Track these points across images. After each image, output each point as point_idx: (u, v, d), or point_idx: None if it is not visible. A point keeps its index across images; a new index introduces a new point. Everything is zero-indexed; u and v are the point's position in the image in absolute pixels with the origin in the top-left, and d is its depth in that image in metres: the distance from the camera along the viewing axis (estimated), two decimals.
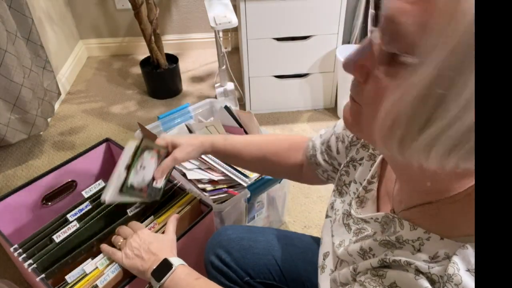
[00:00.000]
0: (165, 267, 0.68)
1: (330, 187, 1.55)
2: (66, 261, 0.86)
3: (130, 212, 0.92)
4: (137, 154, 0.79)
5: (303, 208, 1.45)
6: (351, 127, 0.43)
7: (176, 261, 0.69)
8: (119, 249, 0.79)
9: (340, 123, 0.68)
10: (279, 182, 1.16)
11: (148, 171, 0.80)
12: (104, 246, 0.82)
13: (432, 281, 0.37)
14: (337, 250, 0.55)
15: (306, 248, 0.82)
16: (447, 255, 0.37)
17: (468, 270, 0.35)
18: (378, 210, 0.54)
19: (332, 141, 0.68)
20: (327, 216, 0.64)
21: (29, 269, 0.82)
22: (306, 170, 0.76)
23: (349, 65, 0.37)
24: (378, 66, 0.35)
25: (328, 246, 0.60)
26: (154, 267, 0.68)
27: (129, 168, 0.79)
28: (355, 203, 0.56)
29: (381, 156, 0.55)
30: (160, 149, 0.81)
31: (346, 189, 0.62)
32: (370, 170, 0.57)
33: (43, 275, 0.81)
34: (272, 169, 0.82)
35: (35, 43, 1.69)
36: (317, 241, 0.85)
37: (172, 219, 0.83)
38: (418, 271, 0.38)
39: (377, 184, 0.55)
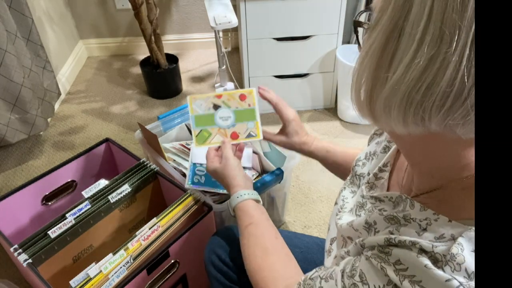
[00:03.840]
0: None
1: (331, 187, 1.54)
2: (51, 246, 0.87)
3: (112, 199, 0.95)
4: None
5: (303, 208, 1.45)
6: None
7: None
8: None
9: None
10: (279, 182, 1.16)
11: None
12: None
13: (435, 260, 0.37)
14: (340, 228, 0.56)
15: (306, 248, 0.82)
16: (453, 236, 0.38)
17: (473, 251, 0.36)
18: None
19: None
20: (335, 203, 0.65)
21: (24, 264, 0.83)
22: None
23: (357, 47, 0.44)
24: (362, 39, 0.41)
25: (334, 232, 0.61)
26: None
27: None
28: (365, 188, 0.58)
29: (394, 147, 0.57)
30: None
31: (357, 180, 0.63)
32: (382, 161, 0.58)
33: (29, 260, 0.82)
34: None
35: (35, 43, 1.69)
36: (317, 241, 0.85)
37: (225, 147, 0.80)
38: (421, 250, 0.39)
39: (388, 174, 0.56)
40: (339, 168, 0.82)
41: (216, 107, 0.83)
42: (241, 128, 0.83)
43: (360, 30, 0.43)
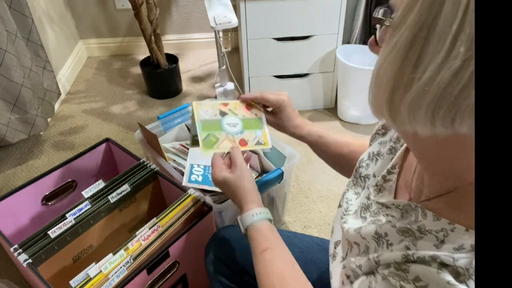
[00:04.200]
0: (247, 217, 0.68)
1: (331, 187, 1.54)
2: (51, 246, 0.87)
3: (112, 199, 0.94)
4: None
5: (303, 208, 1.45)
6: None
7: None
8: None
9: None
10: (279, 182, 1.16)
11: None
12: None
13: (457, 274, 0.36)
14: (347, 233, 0.55)
15: (306, 248, 0.82)
16: (473, 247, 0.36)
17: None
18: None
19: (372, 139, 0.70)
20: (339, 206, 0.64)
21: (24, 264, 0.83)
22: None
23: (368, 42, 0.43)
24: (380, 38, 0.41)
25: (339, 235, 0.60)
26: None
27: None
28: (373, 191, 0.56)
29: (402, 148, 0.56)
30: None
31: (361, 182, 0.62)
32: (390, 163, 0.57)
33: (29, 260, 0.82)
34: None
35: (35, 43, 1.69)
36: (317, 241, 0.85)
37: (236, 152, 0.75)
38: (442, 265, 0.37)
39: (396, 176, 0.55)
40: (329, 154, 0.80)
41: (223, 113, 0.80)
42: (250, 135, 0.80)
43: (378, 27, 0.42)
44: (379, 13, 0.40)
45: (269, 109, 0.83)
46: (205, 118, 0.78)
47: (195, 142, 0.77)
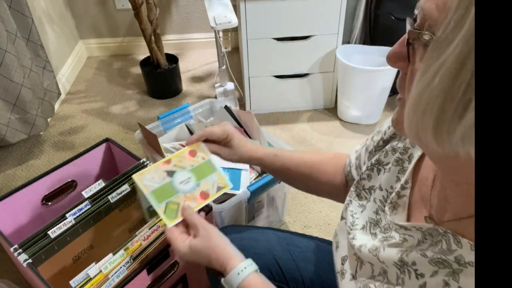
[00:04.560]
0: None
1: None
2: (51, 246, 0.87)
3: (112, 199, 0.93)
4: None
5: (303, 208, 1.45)
6: (397, 127, 0.43)
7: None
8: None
9: (373, 135, 0.67)
10: (279, 182, 1.16)
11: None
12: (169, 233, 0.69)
13: None
14: (358, 252, 0.52)
15: (306, 248, 0.82)
16: None
17: None
18: (409, 216, 0.51)
19: (362, 154, 0.67)
20: (342, 218, 0.62)
21: (24, 264, 0.83)
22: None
23: (390, 56, 0.40)
24: (412, 53, 0.36)
25: (345, 250, 0.59)
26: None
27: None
28: (389, 209, 0.53)
29: (413, 162, 0.53)
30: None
31: (365, 194, 0.59)
32: (398, 176, 0.55)
33: (29, 260, 0.82)
34: (319, 188, 0.79)
35: (35, 43, 1.69)
36: (317, 241, 0.85)
37: (188, 214, 0.68)
38: None
39: (409, 191, 0.52)
40: (287, 172, 0.77)
41: (170, 173, 0.72)
42: (207, 184, 0.73)
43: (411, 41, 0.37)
44: (413, 25, 0.36)
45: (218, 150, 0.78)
46: (155, 187, 0.70)
47: (152, 214, 0.70)
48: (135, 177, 0.69)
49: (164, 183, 0.70)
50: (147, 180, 0.70)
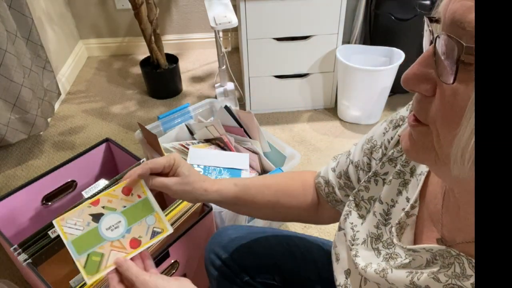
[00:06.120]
0: None
1: None
2: (51, 246, 0.86)
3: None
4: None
5: None
6: (415, 155, 0.39)
7: None
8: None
9: (354, 151, 0.64)
10: None
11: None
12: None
13: None
14: (363, 272, 0.51)
15: (306, 248, 0.82)
16: None
17: None
18: (415, 235, 0.50)
19: (351, 172, 0.64)
20: (340, 229, 0.60)
21: (24, 264, 0.83)
22: (323, 210, 0.72)
23: (409, 79, 0.34)
24: (447, 76, 0.32)
25: (346, 264, 0.57)
26: None
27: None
28: (395, 229, 0.51)
29: (423, 178, 0.50)
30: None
31: (365, 204, 0.58)
32: (399, 189, 0.53)
33: (29, 260, 0.82)
34: (287, 213, 0.73)
35: (35, 43, 1.69)
36: (318, 241, 0.85)
37: (125, 269, 0.58)
38: None
39: (418, 209, 0.50)
40: (252, 201, 0.69)
41: (96, 217, 0.61)
42: (140, 229, 0.62)
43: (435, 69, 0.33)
44: (443, 45, 0.31)
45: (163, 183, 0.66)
46: (76, 235, 0.60)
47: (90, 266, 0.59)
48: (55, 222, 0.60)
49: (87, 230, 0.60)
50: (69, 225, 0.60)
